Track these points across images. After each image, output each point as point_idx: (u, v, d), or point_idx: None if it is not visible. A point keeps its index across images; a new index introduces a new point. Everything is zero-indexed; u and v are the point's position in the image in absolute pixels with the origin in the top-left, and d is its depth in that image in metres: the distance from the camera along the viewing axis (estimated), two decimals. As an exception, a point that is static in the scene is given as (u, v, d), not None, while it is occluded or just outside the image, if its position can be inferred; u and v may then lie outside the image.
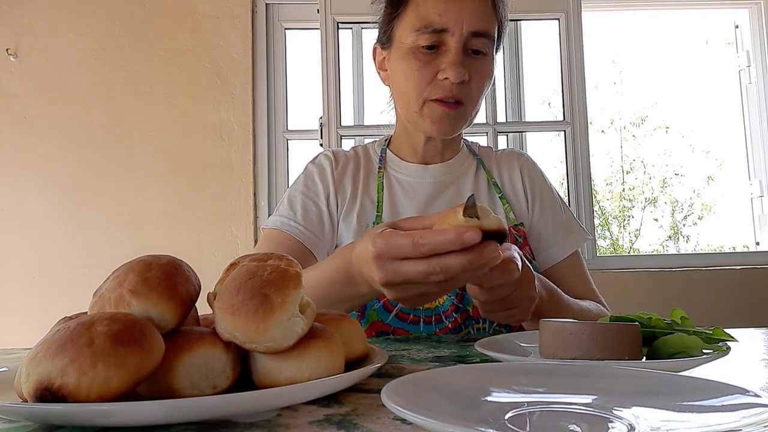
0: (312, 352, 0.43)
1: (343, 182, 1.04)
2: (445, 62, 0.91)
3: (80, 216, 2.27)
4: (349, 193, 1.03)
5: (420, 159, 1.06)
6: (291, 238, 0.97)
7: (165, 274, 0.43)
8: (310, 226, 0.99)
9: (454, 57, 0.90)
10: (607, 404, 0.38)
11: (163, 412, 0.36)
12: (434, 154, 1.06)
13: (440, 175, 1.05)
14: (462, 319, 0.93)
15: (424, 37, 0.91)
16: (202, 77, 2.31)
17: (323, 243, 1.00)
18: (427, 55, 0.92)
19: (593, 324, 0.55)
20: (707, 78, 7.96)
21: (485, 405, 0.38)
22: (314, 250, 0.98)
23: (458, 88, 0.92)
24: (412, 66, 0.93)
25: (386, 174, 1.06)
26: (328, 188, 1.03)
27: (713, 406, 0.35)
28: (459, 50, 0.91)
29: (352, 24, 2.34)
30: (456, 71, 0.90)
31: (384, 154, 1.08)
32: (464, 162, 1.08)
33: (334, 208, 1.02)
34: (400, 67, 0.96)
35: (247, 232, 2.26)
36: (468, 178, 1.07)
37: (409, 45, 0.93)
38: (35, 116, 2.31)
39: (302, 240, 0.97)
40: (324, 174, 1.04)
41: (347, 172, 1.06)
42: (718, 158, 7.98)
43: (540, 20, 2.41)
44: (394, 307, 0.93)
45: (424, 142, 1.04)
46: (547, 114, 6.79)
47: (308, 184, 1.04)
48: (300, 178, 1.07)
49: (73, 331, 0.37)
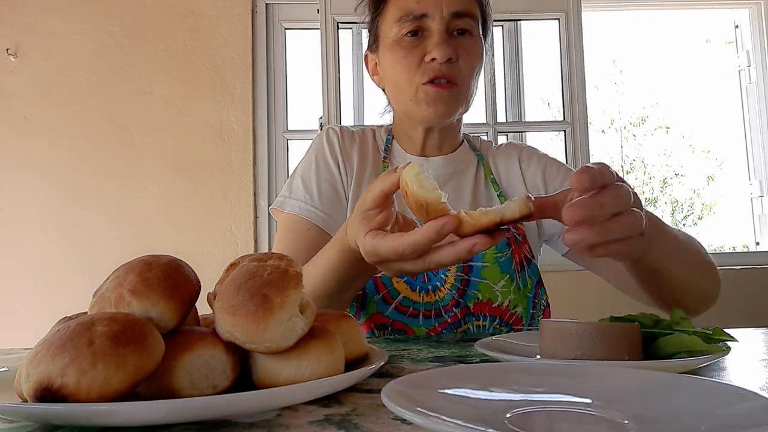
0: (312, 352, 0.43)
1: (352, 161, 1.03)
2: (430, 44, 0.92)
3: (80, 216, 2.27)
4: (354, 176, 1.02)
5: (419, 152, 1.05)
6: (311, 227, 0.96)
7: (165, 274, 0.43)
8: (328, 210, 0.98)
9: (437, 37, 0.92)
10: (607, 404, 0.38)
11: (163, 412, 0.36)
12: (433, 147, 1.05)
13: (440, 168, 1.04)
14: (462, 315, 0.94)
15: (407, 25, 0.93)
16: (202, 77, 2.31)
17: (337, 224, 0.97)
18: (411, 42, 0.93)
19: (593, 324, 0.55)
20: (707, 78, 7.96)
21: (485, 405, 0.38)
22: (331, 233, 0.96)
23: (447, 67, 0.92)
24: (399, 55, 0.94)
25: (390, 164, 1.04)
26: (339, 167, 1.02)
27: (713, 407, 0.35)
28: (442, 31, 0.92)
29: (352, 24, 2.34)
30: (441, 49, 0.90)
31: (390, 144, 1.07)
32: (465, 157, 1.07)
33: (347, 187, 1.01)
34: (388, 60, 0.97)
35: (247, 232, 2.26)
36: (468, 174, 1.06)
37: (393, 37, 0.95)
38: (35, 116, 2.31)
39: (322, 226, 0.97)
40: (334, 152, 1.03)
41: (354, 152, 1.04)
42: (718, 158, 7.99)
43: (540, 20, 2.41)
44: (393, 299, 0.93)
45: (423, 134, 1.02)
46: (547, 114, 6.79)
47: (320, 164, 1.02)
48: (311, 157, 1.04)
49: (73, 331, 0.37)
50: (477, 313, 0.94)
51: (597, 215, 0.50)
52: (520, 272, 0.98)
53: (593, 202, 0.50)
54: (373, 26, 1.01)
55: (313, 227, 0.96)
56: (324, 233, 0.96)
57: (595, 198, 0.50)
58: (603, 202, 0.50)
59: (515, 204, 0.51)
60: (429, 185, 0.52)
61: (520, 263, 0.98)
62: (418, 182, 0.52)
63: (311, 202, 0.98)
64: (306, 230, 0.96)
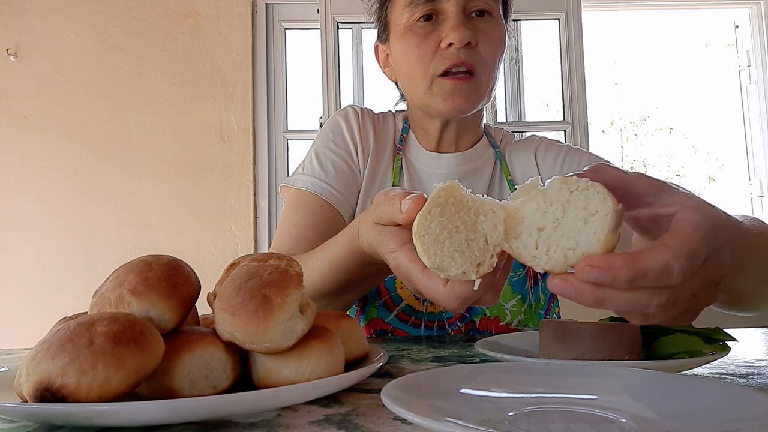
0: (312, 352, 0.43)
1: (369, 145, 0.96)
2: (446, 28, 0.83)
3: (80, 216, 2.27)
4: (369, 161, 0.95)
5: (434, 147, 0.97)
6: (324, 204, 0.89)
7: (165, 274, 0.43)
8: (341, 188, 0.91)
9: (454, 20, 0.82)
10: (607, 404, 0.38)
11: (163, 412, 0.36)
12: (449, 142, 0.96)
13: (454, 167, 0.95)
14: (466, 329, 0.91)
15: (419, 9, 0.84)
16: (202, 77, 2.31)
17: (351, 206, 0.93)
18: (425, 27, 0.85)
19: (593, 324, 0.55)
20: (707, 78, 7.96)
21: (485, 405, 0.38)
22: (344, 214, 0.91)
23: (465, 52, 0.83)
24: (412, 42, 0.85)
25: (404, 158, 0.97)
26: (356, 147, 0.95)
27: (713, 407, 0.35)
28: (459, 13, 0.83)
29: (352, 24, 2.34)
30: (459, 33, 0.81)
31: (405, 133, 0.99)
32: (482, 155, 0.98)
33: (362, 169, 0.95)
34: (400, 49, 0.88)
35: (247, 232, 2.26)
36: (483, 175, 0.97)
37: (404, 23, 0.86)
38: (35, 116, 2.31)
39: (336, 205, 0.90)
40: (352, 132, 0.96)
41: (371, 136, 0.96)
42: (719, 158, 7.98)
43: (540, 20, 2.41)
44: (395, 306, 0.91)
45: (439, 128, 0.94)
46: (547, 114, 6.79)
47: (337, 141, 0.95)
48: (327, 134, 0.97)
49: (73, 331, 0.37)
50: (483, 329, 0.91)
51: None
52: (533, 288, 0.93)
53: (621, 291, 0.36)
54: (382, 13, 0.92)
55: (326, 204, 0.89)
56: (336, 213, 0.90)
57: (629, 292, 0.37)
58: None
59: (593, 236, 0.36)
60: (443, 266, 0.39)
61: (534, 278, 0.93)
62: (425, 250, 0.39)
63: (325, 179, 0.91)
64: (318, 207, 0.89)
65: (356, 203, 0.94)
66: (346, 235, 0.63)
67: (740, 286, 0.54)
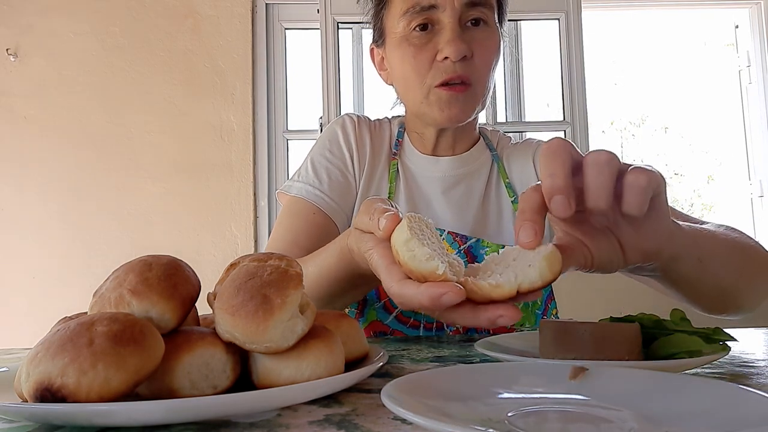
0: (312, 352, 0.43)
1: (365, 153, 0.97)
2: (441, 41, 0.83)
3: (80, 216, 2.27)
4: (366, 168, 0.96)
5: (431, 150, 0.98)
6: (317, 211, 0.91)
7: (165, 274, 0.43)
8: (336, 196, 0.93)
9: (450, 33, 0.83)
10: (607, 404, 0.38)
11: (163, 412, 0.36)
12: (446, 147, 0.97)
13: (450, 170, 0.97)
14: (464, 330, 0.91)
15: (415, 19, 0.84)
16: (202, 77, 2.31)
17: (345, 214, 0.94)
18: (421, 38, 0.85)
19: (593, 324, 0.55)
20: (707, 78, 7.96)
21: (485, 405, 0.38)
22: (338, 222, 0.92)
23: (462, 66, 0.84)
24: (408, 53, 0.86)
25: (400, 162, 0.98)
26: (352, 156, 0.96)
27: (713, 407, 0.35)
28: (455, 24, 0.83)
29: (352, 24, 2.34)
30: (455, 47, 0.82)
31: (401, 138, 1.00)
32: (479, 157, 0.99)
33: (358, 178, 0.96)
34: (396, 57, 0.89)
35: (247, 232, 2.26)
36: (480, 177, 0.98)
37: (400, 32, 0.87)
38: (35, 116, 2.31)
39: (329, 212, 0.91)
40: (348, 140, 0.97)
41: (368, 144, 0.98)
42: (718, 158, 7.99)
43: (540, 20, 2.41)
44: (394, 308, 0.91)
45: (435, 135, 0.95)
46: (547, 114, 6.79)
47: (333, 150, 0.97)
48: (324, 142, 0.98)
49: (73, 331, 0.37)
50: (481, 331, 0.91)
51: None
52: None
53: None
54: (377, 20, 0.93)
55: (318, 212, 0.91)
56: (329, 220, 0.91)
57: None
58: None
59: (535, 271, 0.41)
60: (422, 254, 0.42)
61: None
62: (409, 251, 0.43)
63: (320, 186, 0.92)
64: (311, 214, 0.90)
65: (352, 211, 0.95)
66: (337, 244, 0.65)
67: (680, 267, 0.55)
